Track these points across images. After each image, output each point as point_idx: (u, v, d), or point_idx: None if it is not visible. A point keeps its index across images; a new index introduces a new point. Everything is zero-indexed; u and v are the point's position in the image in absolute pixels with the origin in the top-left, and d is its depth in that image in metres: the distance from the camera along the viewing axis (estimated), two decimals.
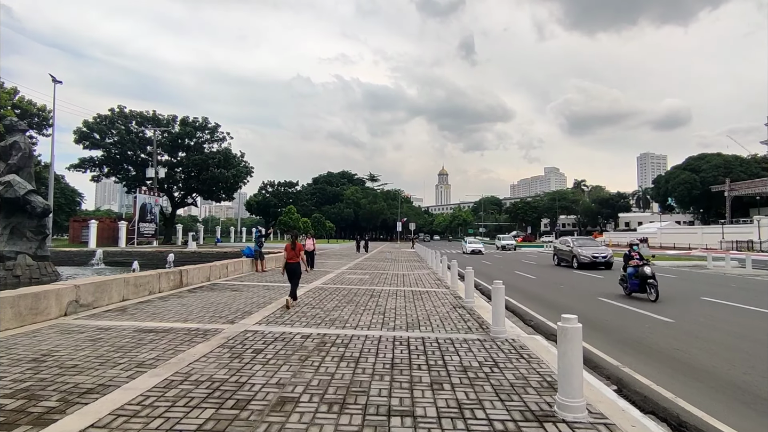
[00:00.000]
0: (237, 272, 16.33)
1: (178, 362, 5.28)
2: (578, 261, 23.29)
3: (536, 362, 5.60)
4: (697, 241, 52.06)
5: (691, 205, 78.15)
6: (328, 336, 6.77)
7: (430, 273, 18.76)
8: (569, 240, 26.07)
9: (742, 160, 73.58)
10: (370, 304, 9.93)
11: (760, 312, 10.40)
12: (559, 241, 28.63)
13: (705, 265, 24.70)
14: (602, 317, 9.93)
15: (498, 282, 7.22)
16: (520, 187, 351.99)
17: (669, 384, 5.47)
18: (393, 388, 4.50)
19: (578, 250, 23.76)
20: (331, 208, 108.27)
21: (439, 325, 7.82)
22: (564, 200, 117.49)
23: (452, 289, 12.81)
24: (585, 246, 24.67)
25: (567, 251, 25.03)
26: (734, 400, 5.02)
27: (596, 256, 22.83)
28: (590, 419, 3.86)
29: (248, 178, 61.65)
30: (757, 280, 17.98)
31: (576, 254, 23.55)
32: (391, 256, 33.06)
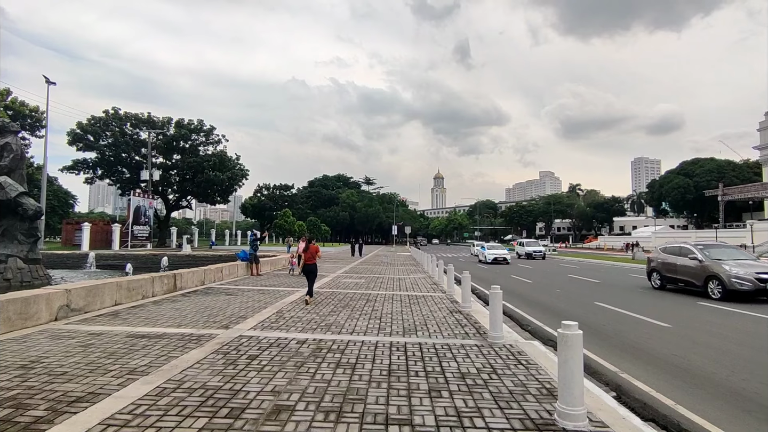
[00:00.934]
0: (232, 276, 16.19)
1: (171, 369, 5.17)
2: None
3: (535, 368, 5.54)
4: None
5: (685, 210, 78.68)
6: (324, 342, 6.68)
7: (425, 277, 18.69)
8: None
9: (735, 165, 74.23)
10: (366, 309, 9.84)
11: (756, 317, 10.40)
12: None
13: None
14: (600, 322, 9.89)
15: (495, 287, 7.17)
16: (515, 191, 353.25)
17: (668, 390, 5.42)
18: (390, 396, 4.42)
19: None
20: (327, 211, 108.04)
21: (436, 330, 7.75)
22: (559, 204, 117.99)
23: (449, 294, 12.74)
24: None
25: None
26: (734, 407, 4.97)
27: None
28: (591, 428, 3.80)
29: (243, 181, 61.42)
30: None
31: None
32: (387, 259, 32.96)
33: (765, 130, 66.61)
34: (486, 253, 32.78)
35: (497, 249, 33.87)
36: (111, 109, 51.13)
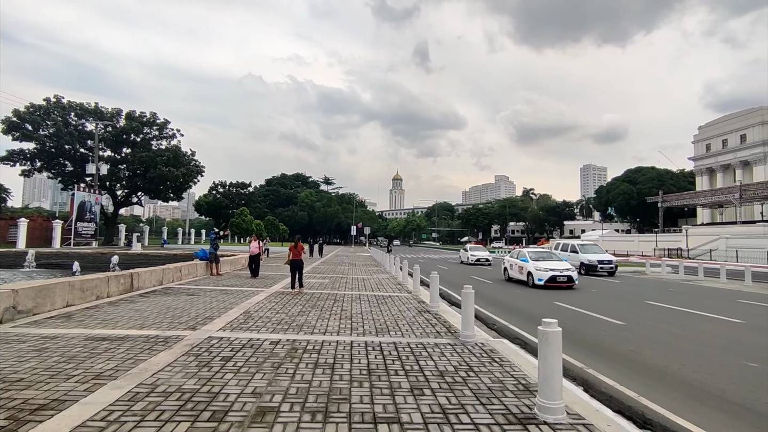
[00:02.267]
0: (191, 276, 15.59)
1: (141, 372, 4.93)
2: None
3: (509, 366, 5.72)
4: (633, 248, 55.64)
5: (629, 215, 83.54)
6: (298, 342, 6.59)
7: (389, 277, 18.79)
8: None
9: (673, 174, 79.69)
10: (335, 309, 9.78)
11: (698, 315, 11.22)
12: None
13: (644, 271, 26.43)
14: (561, 321, 10.29)
15: (468, 287, 7.34)
16: (471, 194, 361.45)
17: (629, 384, 5.75)
18: (374, 395, 4.43)
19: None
20: (285, 210, 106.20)
21: (408, 329, 7.83)
22: (514, 207, 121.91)
23: (415, 294, 12.90)
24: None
25: None
26: (688, 397, 5.35)
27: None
28: (569, 420, 3.97)
29: (199, 178, 59.29)
30: (689, 284, 19.44)
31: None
32: (348, 260, 32.85)
33: (698, 143, 71.96)
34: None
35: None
36: (53, 97, 47.83)
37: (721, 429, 4.41)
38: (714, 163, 67.87)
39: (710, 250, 43.35)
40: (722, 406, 5.07)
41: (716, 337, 8.66)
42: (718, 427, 4.45)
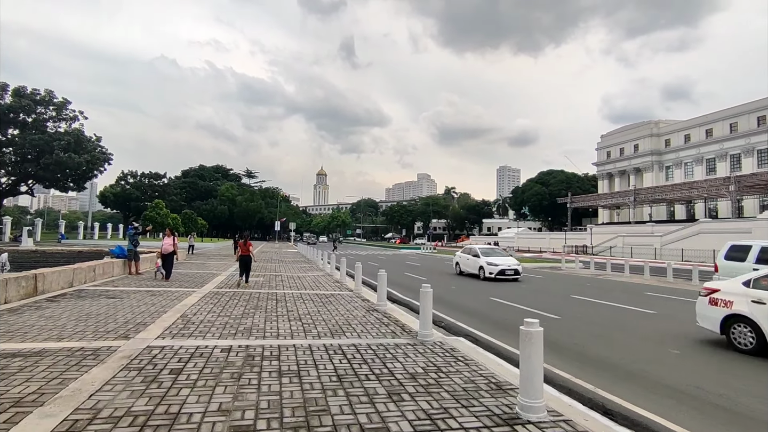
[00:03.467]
0: (106, 275, 13.98)
1: (74, 395, 4.21)
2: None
3: (474, 365, 5.75)
4: (546, 246, 60.23)
5: (541, 214, 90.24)
6: (252, 348, 6.10)
7: (324, 275, 18.39)
8: None
9: (579, 178, 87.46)
10: (281, 310, 9.29)
11: (618, 307, 12.29)
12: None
13: (560, 267, 28.63)
14: (501, 316, 10.74)
15: (426, 285, 7.31)
16: (394, 191, 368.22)
17: (582, 376, 6.06)
18: (353, 404, 4.18)
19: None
20: (204, 204, 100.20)
21: (363, 330, 7.62)
22: (436, 205, 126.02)
23: (356, 292, 12.70)
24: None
25: None
26: (637, 386, 5.75)
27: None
28: (550, 417, 4.04)
29: (106, 166, 53.87)
30: (601, 279, 21.37)
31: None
32: (276, 256, 31.72)
33: (600, 150, 79.70)
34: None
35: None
36: None
37: (673, 415, 4.76)
38: (613, 168, 75.54)
39: (610, 247, 48.18)
40: (667, 392, 5.51)
41: (639, 328, 9.50)
42: (671, 413, 4.80)
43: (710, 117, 61.41)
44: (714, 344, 7.99)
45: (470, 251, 21.95)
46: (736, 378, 6.13)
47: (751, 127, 54.68)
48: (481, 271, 19.54)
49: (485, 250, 21.54)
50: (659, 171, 67.59)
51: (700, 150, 61.49)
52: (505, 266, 19.33)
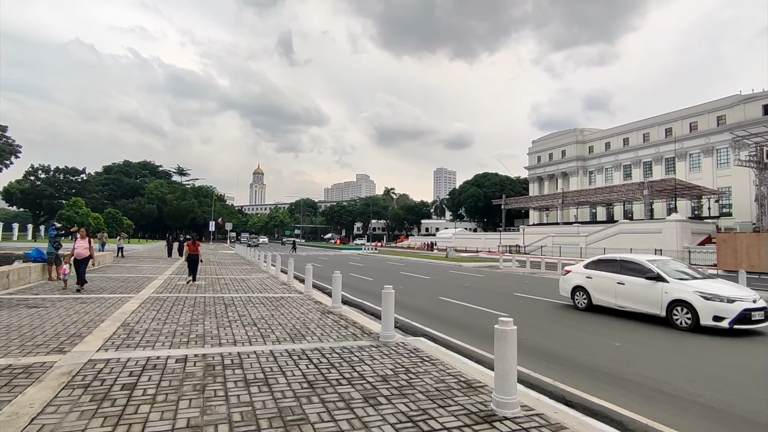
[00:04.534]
0: (23, 281, 12.56)
1: (13, 420, 3.72)
2: None
3: (441, 364, 5.82)
4: (481, 246, 62.76)
5: (477, 215, 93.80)
6: (210, 356, 5.74)
7: (269, 277, 17.84)
8: None
9: (512, 180, 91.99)
10: (232, 315, 8.86)
11: (558, 303, 13.05)
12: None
13: (498, 266, 29.92)
14: (455, 316, 10.99)
15: (388, 287, 7.30)
16: (333, 191, 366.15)
17: (539, 370, 6.35)
18: (331, 411, 4.07)
19: None
20: (130, 202, 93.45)
21: (323, 333, 7.46)
22: (376, 206, 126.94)
23: (307, 295, 12.44)
24: None
25: None
26: (589, 377, 6.12)
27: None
28: (524, 412, 4.19)
29: (12, 159, 48.43)
30: (537, 277, 22.62)
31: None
32: (214, 258, 30.27)
33: (531, 154, 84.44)
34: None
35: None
36: None
37: (623, 401, 5.12)
38: (543, 172, 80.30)
39: (541, 246, 51.13)
40: (616, 382, 5.91)
41: (582, 323, 10.15)
42: (623, 401, 5.15)
43: (626, 127, 67.21)
44: (651, 337, 8.73)
45: (627, 266, 10.99)
46: (679, 362, 6.73)
47: (660, 138, 60.58)
48: (684, 312, 9.40)
49: (669, 267, 10.66)
50: (584, 175, 72.86)
51: (618, 157, 67.09)
52: (746, 303, 9.02)
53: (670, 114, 60.35)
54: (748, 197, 43.66)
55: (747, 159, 34.80)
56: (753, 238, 27.33)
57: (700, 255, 34.64)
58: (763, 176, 35.04)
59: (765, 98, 48.32)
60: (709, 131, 54.11)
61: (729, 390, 5.66)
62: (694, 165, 56.72)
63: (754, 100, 49.70)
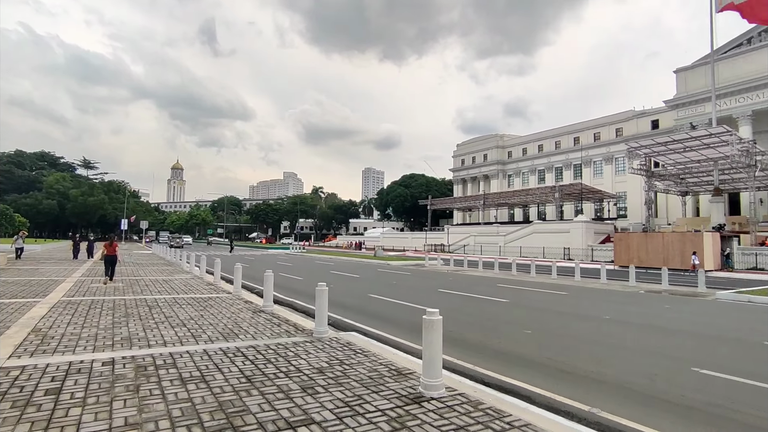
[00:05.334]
0: None
1: None
2: None
3: (372, 356, 6.20)
4: (408, 245, 64.61)
5: (404, 215, 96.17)
6: (140, 358, 5.62)
7: (193, 277, 17.18)
8: None
9: (438, 182, 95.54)
10: (158, 317, 8.56)
11: (480, 298, 14.05)
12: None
13: (424, 264, 31.12)
14: (382, 311, 11.46)
15: (322, 284, 7.55)
16: (259, 189, 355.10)
17: (461, 357, 6.95)
18: (271, 401, 4.26)
19: None
20: (23, 197, 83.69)
21: (257, 331, 7.53)
22: (304, 204, 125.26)
23: (237, 294, 12.26)
24: None
25: None
26: (506, 362, 6.82)
27: None
28: (448, 393, 4.68)
29: None
30: (460, 274, 23.93)
31: None
32: (130, 258, 28.26)
33: (456, 157, 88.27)
34: None
35: None
36: None
37: (531, 380, 5.83)
38: (466, 175, 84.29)
39: (464, 245, 53.77)
40: (529, 364, 6.67)
41: (500, 314, 11.10)
42: (531, 379, 5.87)
43: (541, 135, 72.73)
44: (558, 327, 9.80)
45: None
46: (579, 346, 7.69)
47: (569, 146, 66.37)
48: None
49: None
50: (503, 178, 77.64)
51: (534, 162, 72.39)
52: None
53: (578, 124, 66.32)
54: (639, 201, 49.27)
55: (638, 167, 39.34)
56: (642, 237, 31.07)
57: (601, 252, 38.59)
58: (650, 183, 39.83)
59: (653, 115, 54.91)
60: (610, 141, 60.28)
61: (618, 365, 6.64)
62: (597, 171, 62.82)
63: (645, 116, 56.29)
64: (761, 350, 7.77)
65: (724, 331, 9.49)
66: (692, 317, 11.27)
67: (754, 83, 40.78)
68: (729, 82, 41.31)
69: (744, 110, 41.78)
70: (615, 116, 61.01)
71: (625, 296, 15.15)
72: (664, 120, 51.49)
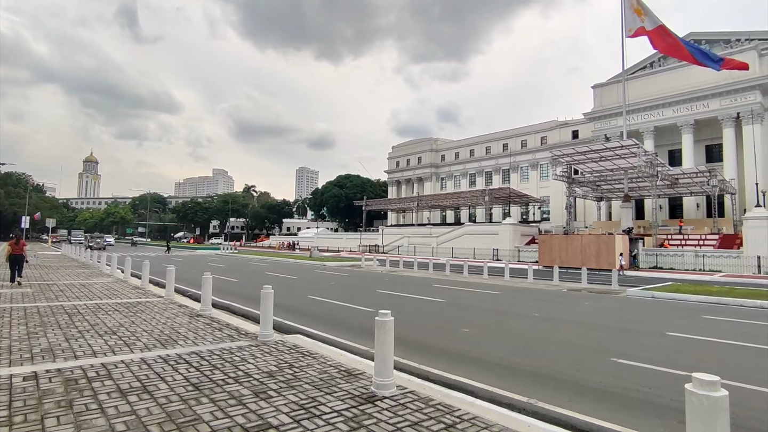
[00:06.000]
0: None
1: None
2: None
3: (321, 358, 6.21)
4: (343, 245, 64.54)
5: (339, 215, 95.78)
6: (68, 370, 5.19)
7: (116, 281, 15.98)
8: None
9: (372, 183, 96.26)
10: (81, 325, 7.91)
11: (416, 298, 14.44)
12: None
13: (360, 265, 31.27)
14: (325, 312, 11.42)
15: (267, 287, 7.41)
16: (186, 186, 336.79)
17: (405, 356, 7.14)
18: (223, 408, 4.16)
19: None
20: None
21: (197, 337, 7.22)
22: (235, 203, 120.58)
23: (169, 298, 11.63)
24: None
25: None
26: (445, 358, 7.13)
27: None
28: (399, 391, 4.83)
29: None
30: (396, 275, 24.37)
31: None
32: (35, 260, 25.53)
33: (391, 159, 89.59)
34: None
35: None
36: None
37: (478, 377, 6.16)
38: (401, 177, 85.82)
39: (398, 246, 54.75)
40: (469, 361, 7.02)
41: (439, 314, 11.50)
42: (479, 377, 6.19)
43: (473, 140, 75.93)
44: (493, 325, 10.35)
45: None
46: (513, 341, 8.19)
47: (498, 152, 69.96)
48: None
49: None
50: (436, 181, 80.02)
51: (466, 166, 75.37)
52: None
53: (507, 131, 70.09)
54: (561, 205, 53.16)
55: (561, 174, 42.49)
56: (563, 239, 33.58)
57: (527, 253, 41.12)
58: (571, 189, 43.19)
59: (574, 125, 59.48)
60: (535, 149, 64.37)
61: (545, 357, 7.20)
62: (524, 176, 66.78)
63: (567, 126, 60.81)
64: (665, 340, 8.79)
65: (635, 325, 10.59)
66: (608, 312, 12.44)
67: (656, 102, 45.70)
68: (636, 99, 45.85)
69: (648, 126, 46.63)
70: (540, 125, 65.25)
71: (551, 295, 16.33)
72: (583, 131, 55.95)
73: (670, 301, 14.91)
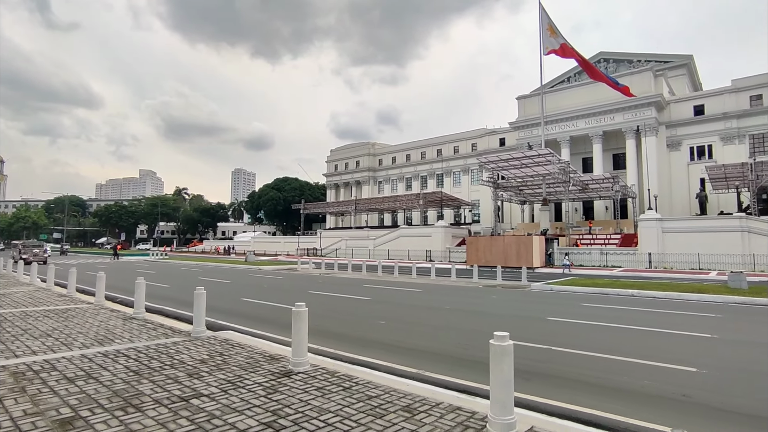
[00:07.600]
0: None
1: None
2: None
3: (249, 347, 7.18)
4: (281, 249, 64.30)
5: (276, 219, 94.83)
6: (12, 366, 5.79)
7: (38, 289, 15.65)
8: None
9: (311, 186, 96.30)
10: (12, 330, 8.24)
11: (350, 298, 15.58)
12: None
13: (296, 268, 31.91)
14: (256, 312, 12.25)
15: (200, 288, 8.22)
16: (109, 188, 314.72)
17: (328, 345, 8.27)
18: (162, 385, 5.05)
19: None
20: None
21: (133, 336, 7.88)
22: (165, 206, 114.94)
23: (99, 304, 11.89)
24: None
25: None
26: (360, 345, 8.33)
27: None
28: (312, 368, 5.96)
29: None
30: (331, 277, 25.38)
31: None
32: None
33: (329, 162, 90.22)
34: None
35: None
36: None
37: (384, 357, 7.41)
38: (339, 180, 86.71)
39: (336, 249, 55.64)
40: (380, 346, 8.28)
41: (362, 310, 12.74)
42: (385, 357, 7.44)
43: (409, 145, 78.58)
44: (407, 317, 11.74)
45: None
46: (418, 330, 9.57)
47: (433, 157, 73.10)
48: None
49: None
50: (374, 185, 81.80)
51: (402, 170, 77.84)
52: None
53: (441, 138, 73.35)
54: (490, 208, 56.81)
55: (488, 179, 45.68)
56: (488, 240, 36.33)
57: (457, 254, 43.71)
58: (497, 193, 46.57)
59: (501, 133, 63.68)
60: (466, 155, 68.01)
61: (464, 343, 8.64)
62: (456, 181, 70.25)
63: (495, 134, 64.94)
64: (544, 323, 10.63)
65: (527, 312, 12.48)
66: (509, 303, 14.34)
67: (571, 114, 50.36)
68: (555, 111, 50.26)
69: (564, 135, 51.23)
70: (471, 132, 69.03)
71: (467, 290, 18.18)
72: (510, 138, 60.14)
73: (564, 293, 17.28)
